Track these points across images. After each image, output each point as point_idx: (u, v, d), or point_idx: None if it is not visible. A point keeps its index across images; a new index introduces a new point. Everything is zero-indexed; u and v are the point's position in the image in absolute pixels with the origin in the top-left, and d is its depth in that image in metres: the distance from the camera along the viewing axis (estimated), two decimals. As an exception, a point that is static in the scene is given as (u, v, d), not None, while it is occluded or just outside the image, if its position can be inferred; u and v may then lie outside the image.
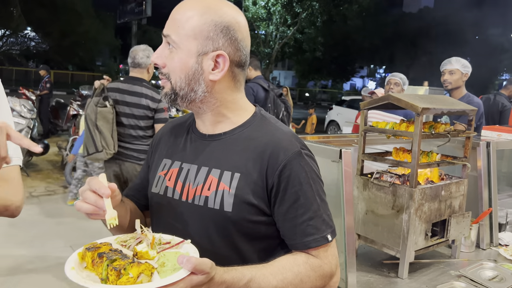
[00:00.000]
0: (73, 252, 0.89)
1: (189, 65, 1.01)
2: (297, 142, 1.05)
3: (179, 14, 1.01)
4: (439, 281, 1.65)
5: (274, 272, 0.94)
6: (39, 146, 0.87)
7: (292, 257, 1.00)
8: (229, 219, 1.00)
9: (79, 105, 6.94)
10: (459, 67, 3.46)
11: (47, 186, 6.03)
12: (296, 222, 1.00)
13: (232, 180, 1.01)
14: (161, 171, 1.13)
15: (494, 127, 2.34)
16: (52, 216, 4.83)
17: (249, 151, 1.03)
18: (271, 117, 1.13)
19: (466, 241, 1.98)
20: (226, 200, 1.00)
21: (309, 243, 0.99)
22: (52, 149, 7.26)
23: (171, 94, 1.04)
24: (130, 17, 28.51)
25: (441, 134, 1.71)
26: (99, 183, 0.90)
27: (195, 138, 1.12)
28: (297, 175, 1.00)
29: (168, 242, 0.93)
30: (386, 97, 1.72)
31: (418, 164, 1.63)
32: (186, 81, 1.02)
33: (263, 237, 1.05)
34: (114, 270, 0.80)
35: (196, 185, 1.05)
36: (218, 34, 1.00)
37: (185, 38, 1.00)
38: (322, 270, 1.00)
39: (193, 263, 0.79)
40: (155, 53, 1.04)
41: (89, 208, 0.90)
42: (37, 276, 3.46)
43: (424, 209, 1.67)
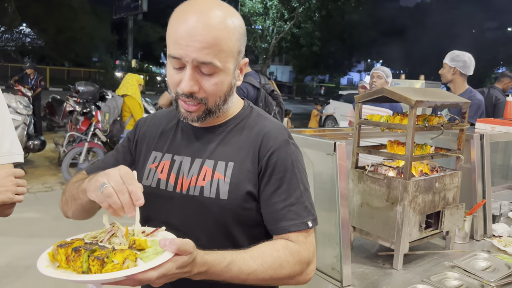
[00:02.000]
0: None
1: (229, 84, 1.03)
2: (285, 131, 1.10)
3: (214, 33, 0.95)
4: (433, 272, 1.67)
5: (254, 256, 0.96)
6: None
7: (272, 242, 1.02)
8: (224, 207, 1.03)
9: (76, 101, 6.92)
10: (447, 61, 3.44)
11: (44, 182, 6.03)
12: (278, 207, 1.03)
13: (227, 169, 1.04)
14: (151, 164, 1.14)
15: (488, 120, 2.36)
16: (49, 212, 4.83)
17: (241, 141, 1.08)
18: (259, 109, 1.18)
19: (460, 232, 2.00)
20: (221, 188, 1.03)
21: (289, 227, 1.02)
22: (49, 145, 7.25)
23: (204, 115, 1.04)
24: (126, 13, 28.54)
25: (435, 127, 1.72)
26: (137, 187, 0.89)
27: (187, 130, 1.14)
28: (283, 162, 1.05)
29: (143, 232, 0.93)
30: (380, 91, 1.73)
31: (412, 157, 1.64)
32: (224, 98, 1.04)
33: (255, 224, 1.08)
34: (97, 259, 0.78)
35: (190, 176, 1.07)
36: (244, 43, 1.05)
37: (226, 60, 0.99)
38: (301, 255, 1.02)
39: (176, 244, 0.80)
40: (188, 83, 0.98)
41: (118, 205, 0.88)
42: (36, 273, 3.46)
43: (418, 201, 1.69)
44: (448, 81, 3.52)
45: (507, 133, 2.24)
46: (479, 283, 1.59)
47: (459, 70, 3.41)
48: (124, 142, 1.25)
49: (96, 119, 6.24)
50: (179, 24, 0.96)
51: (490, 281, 1.58)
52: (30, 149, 6.38)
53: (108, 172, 0.91)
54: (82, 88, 6.82)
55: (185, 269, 0.83)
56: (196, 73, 0.98)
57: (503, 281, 1.60)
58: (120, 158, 1.21)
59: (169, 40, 0.99)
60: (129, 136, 1.24)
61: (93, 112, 6.47)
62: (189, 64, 0.96)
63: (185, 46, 0.94)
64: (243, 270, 0.93)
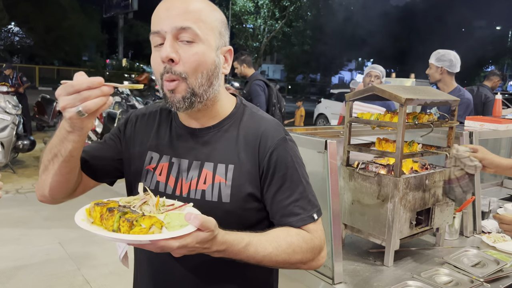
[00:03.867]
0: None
1: (211, 60, 1.01)
2: (281, 128, 1.10)
3: (192, 5, 0.98)
4: (423, 268, 1.69)
5: (269, 239, 0.98)
6: None
7: (286, 228, 1.04)
8: (227, 210, 1.03)
9: (66, 100, 6.85)
10: (433, 61, 3.45)
11: (34, 182, 5.96)
12: (284, 204, 1.05)
13: (227, 172, 1.04)
14: (148, 165, 1.13)
15: (477, 117, 2.38)
16: (39, 213, 4.79)
17: (239, 142, 1.06)
18: (252, 105, 1.16)
19: (450, 229, 2.02)
20: (223, 192, 1.03)
21: (296, 223, 1.04)
22: (39, 145, 7.18)
23: (189, 96, 1.00)
24: (116, 11, 28.38)
25: (425, 125, 1.73)
26: (89, 78, 0.84)
27: (181, 132, 1.12)
28: (284, 159, 1.05)
29: (172, 204, 0.96)
30: (371, 89, 1.74)
31: (402, 154, 1.65)
32: (207, 76, 1.00)
33: (255, 223, 1.08)
34: (127, 221, 0.83)
35: (189, 179, 1.06)
36: (224, 30, 1.06)
37: (206, 31, 0.98)
38: (313, 242, 1.04)
39: (200, 220, 0.82)
40: (167, 48, 0.95)
41: (82, 83, 0.83)
42: (26, 272, 3.44)
43: (408, 198, 1.70)
44: (436, 81, 3.54)
45: (495, 130, 2.27)
46: (469, 278, 1.60)
47: (446, 69, 3.43)
48: (113, 133, 1.21)
49: (87, 118, 6.18)
50: (160, 5, 1.00)
51: (479, 276, 1.60)
52: (19, 149, 6.31)
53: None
54: (72, 87, 6.75)
55: (205, 245, 0.86)
56: (175, 43, 0.97)
57: (492, 277, 1.62)
58: (106, 146, 1.18)
59: (152, 20, 1.00)
60: (119, 126, 1.21)
61: (83, 112, 6.41)
62: (168, 33, 0.96)
63: (165, 17, 0.96)
64: (259, 251, 0.96)
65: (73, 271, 3.51)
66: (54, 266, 3.56)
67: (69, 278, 3.39)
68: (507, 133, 2.36)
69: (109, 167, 1.17)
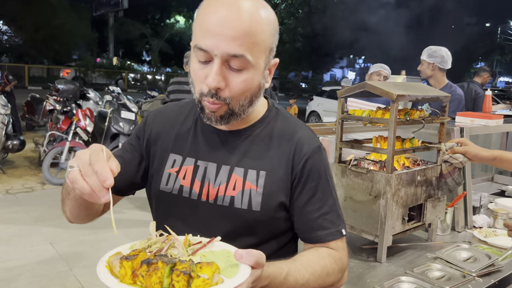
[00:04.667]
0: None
1: (258, 83, 0.95)
2: (315, 136, 1.05)
3: (250, 24, 0.87)
4: (416, 264, 1.69)
5: (304, 265, 0.93)
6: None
7: (316, 250, 0.99)
8: (256, 219, 0.99)
9: (56, 100, 6.78)
10: (425, 58, 3.47)
11: (24, 183, 5.90)
12: (313, 216, 1.00)
13: (259, 178, 0.99)
14: (170, 168, 1.06)
15: (467, 113, 2.40)
16: (29, 213, 4.74)
17: (272, 148, 1.02)
18: (283, 110, 1.11)
19: (442, 224, 2.03)
20: (254, 199, 0.98)
21: (325, 237, 1.00)
22: (29, 145, 7.11)
23: (228, 116, 0.95)
24: (107, 9, 28.15)
25: (416, 121, 1.74)
26: (103, 166, 0.74)
27: (208, 133, 1.05)
28: (317, 169, 1.01)
29: (199, 242, 0.85)
30: (362, 85, 1.74)
31: (394, 150, 1.66)
32: (250, 99, 0.95)
33: (282, 232, 1.04)
34: (183, 274, 0.68)
35: (217, 184, 1.01)
36: (276, 41, 0.97)
37: (258, 55, 0.91)
38: (342, 262, 1.01)
39: (256, 257, 0.74)
40: (215, 77, 0.88)
41: (87, 189, 0.75)
42: (17, 273, 3.40)
43: (400, 194, 1.71)
44: (428, 77, 3.55)
45: (485, 126, 2.28)
46: (461, 273, 1.61)
47: (437, 66, 3.45)
48: (132, 140, 1.14)
49: (77, 117, 6.13)
50: (210, 13, 0.87)
51: (471, 271, 1.61)
52: (9, 149, 6.24)
53: (77, 154, 0.79)
54: (62, 86, 6.68)
55: (255, 283, 0.78)
56: (224, 68, 0.89)
57: (484, 271, 1.63)
58: (127, 157, 1.10)
59: (197, 30, 0.90)
60: (138, 133, 1.13)
61: (73, 111, 6.36)
62: (218, 57, 0.87)
63: (216, 35, 0.85)
64: (298, 280, 0.90)
65: (65, 271, 3.48)
66: (45, 266, 3.53)
67: (61, 278, 3.36)
68: (497, 128, 2.38)
69: (135, 179, 1.11)
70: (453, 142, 1.83)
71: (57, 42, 22.88)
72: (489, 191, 2.86)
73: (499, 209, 2.17)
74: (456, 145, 1.81)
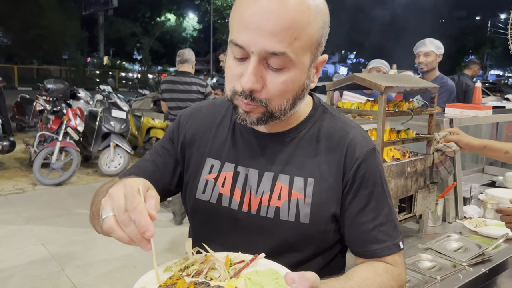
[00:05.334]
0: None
1: (301, 83, 0.84)
2: (369, 137, 0.96)
3: (294, 15, 0.75)
4: (407, 255, 1.70)
5: (360, 284, 0.83)
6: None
7: (372, 266, 0.90)
8: (305, 233, 0.89)
9: (46, 100, 6.72)
10: (434, 49, 3.49)
11: (15, 184, 5.84)
12: (367, 228, 0.91)
13: (306, 187, 0.89)
14: (207, 174, 0.97)
15: (457, 105, 2.40)
16: (20, 214, 4.69)
17: (320, 152, 0.92)
18: (332, 108, 1.00)
19: (433, 215, 2.04)
20: (302, 210, 0.89)
21: (381, 251, 0.91)
22: (19, 146, 7.03)
23: (266, 118, 0.84)
24: (96, 8, 27.92)
25: (405, 112, 1.74)
26: (141, 215, 0.66)
27: (248, 135, 0.95)
28: (372, 175, 0.91)
29: (242, 261, 0.78)
30: (351, 77, 1.74)
31: (383, 142, 1.65)
32: (292, 101, 0.84)
33: (331, 245, 0.95)
34: None
35: (260, 193, 0.91)
36: (325, 35, 0.85)
37: (302, 52, 0.80)
38: (401, 279, 0.91)
39: (310, 281, 0.66)
40: (250, 78, 0.78)
41: (126, 239, 0.68)
42: (9, 274, 3.36)
43: (390, 186, 1.70)
44: (433, 69, 3.57)
45: (475, 117, 2.29)
46: (451, 263, 1.62)
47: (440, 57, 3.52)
48: (165, 142, 1.04)
49: (68, 117, 6.08)
50: (248, 4, 0.77)
51: (462, 261, 1.62)
52: (-2, 150, 6.18)
53: (111, 193, 0.70)
54: (51, 86, 6.62)
55: None
56: (262, 67, 0.79)
57: (474, 261, 1.63)
58: (160, 163, 1.01)
59: (234, 23, 0.80)
60: (171, 136, 1.04)
61: (64, 111, 6.30)
62: (255, 55, 0.77)
63: (254, 30, 0.75)
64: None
65: (57, 272, 3.45)
66: (37, 267, 3.49)
67: (53, 279, 3.33)
68: (486, 119, 2.39)
69: (169, 186, 1.03)
70: (446, 131, 1.88)
71: (47, 42, 22.67)
72: (480, 182, 2.87)
73: (489, 199, 2.18)
74: (449, 134, 1.87)
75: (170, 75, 5.01)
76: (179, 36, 29.28)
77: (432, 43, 3.51)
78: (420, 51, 3.55)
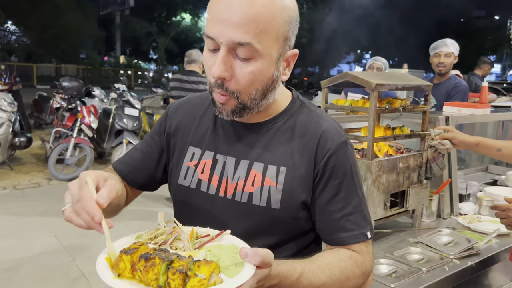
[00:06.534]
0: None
1: (269, 75, 0.89)
2: (342, 131, 0.99)
3: (259, 9, 0.82)
4: (397, 248, 1.74)
5: (322, 268, 0.88)
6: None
7: (337, 252, 0.94)
8: (275, 217, 0.94)
9: (62, 97, 6.91)
10: (454, 50, 3.45)
11: (31, 179, 6.03)
12: (335, 217, 0.95)
13: (279, 174, 0.94)
14: (189, 161, 1.03)
15: (455, 103, 2.43)
16: (36, 208, 4.85)
17: (293, 142, 0.96)
18: (309, 102, 1.05)
19: (427, 211, 2.08)
20: (273, 196, 0.94)
21: (348, 239, 0.95)
22: (36, 142, 7.25)
23: (239, 110, 0.91)
24: (113, 8, 28.27)
25: (395, 109, 1.79)
26: (88, 203, 0.76)
27: (228, 126, 1.01)
28: (342, 166, 0.95)
29: (207, 235, 0.82)
30: (344, 75, 1.79)
31: (374, 138, 1.71)
32: (261, 92, 0.90)
33: (303, 232, 1.00)
34: (179, 272, 0.65)
35: (236, 180, 0.97)
36: (294, 30, 0.90)
37: (269, 43, 0.85)
38: (365, 267, 0.95)
39: (262, 256, 0.71)
40: (219, 66, 0.84)
41: (84, 226, 0.78)
42: (22, 264, 3.51)
43: (382, 181, 1.76)
44: (448, 70, 3.55)
45: (472, 115, 2.32)
46: (439, 256, 1.66)
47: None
48: (153, 133, 1.12)
49: (82, 114, 6.24)
50: (220, 1, 0.85)
51: (449, 254, 1.66)
52: (16, 146, 6.37)
53: (69, 186, 0.81)
54: (66, 83, 6.81)
55: (260, 283, 0.74)
56: (231, 57, 0.85)
57: (462, 254, 1.67)
58: (147, 152, 1.10)
59: (208, 18, 0.87)
60: (159, 126, 1.11)
61: (78, 108, 6.47)
62: (224, 45, 0.83)
63: (222, 22, 0.82)
64: (313, 282, 0.85)
65: (68, 262, 3.58)
66: (49, 258, 3.63)
67: (64, 269, 3.47)
68: (484, 117, 2.41)
69: (156, 173, 1.11)
70: (440, 129, 1.92)
71: (65, 41, 23.08)
72: (483, 180, 2.89)
73: (484, 197, 2.20)
74: (443, 132, 1.90)
75: (178, 72, 5.05)
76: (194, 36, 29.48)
77: (453, 44, 3.47)
78: (440, 51, 3.46)
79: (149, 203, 5.00)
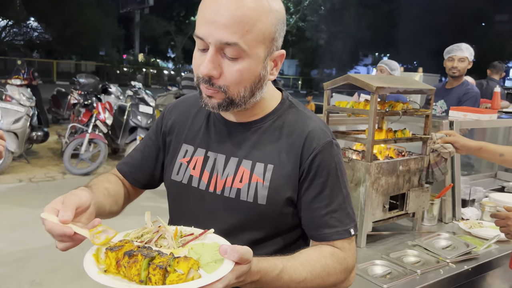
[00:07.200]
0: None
1: (256, 73, 0.93)
2: (328, 131, 1.03)
3: (245, 12, 0.86)
4: (394, 250, 1.76)
5: (303, 264, 0.91)
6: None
7: (319, 249, 0.98)
8: (261, 213, 0.98)
9: (79, 93, 7.07)
10: (468, 55, 3.41)
11: (46, 172, 6.19)
12: (320, 213, 0.99)
13: (266, 172, 0.98)
14: (182, 158, 1.08)
15: (461, 108, 2.42)
16: (50, 201, 4.95)
17: (281, 141, 1.01)
18: (298, 103, 1.09)
19: (429, 215, 2.08)
20: (260, 193, 0.98)
21: (331, 235, 0.98)
22: (52, 137, 7.42)
23: (226, 104, 0.94)
24: (133, 6, 28.62)
25: (395, 112, 1.80)
26: (60, 230, 0.83)
27: (219, 124, 1.06)
28: (327, 165, 0.99)
29: (191, 234, 0.87)
30: (346, 77, 1.81)
31: (373, 140, 1.72)
32: (250, 90, 0.94)
33: (290, 228, 1.04)
34: (159, 268, 0.70)
35: (225, 176, 1.01)
36: (280, 32, 0.95)
37: (255, 43, 0.89)
38: (347, 263, 0.98)
39: (240, 253, 0.74)
40: (207, 65, 0.89)
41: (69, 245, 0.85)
42: (33, 255, 3.61)
43: (381, 183, 1.77)
44: (462, 75, 3.51)
45: (477, 120, 2.31)
46: (436, 259, 1.67)
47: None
48: (151, 133, 1.18)
49: (97, 110, 6.37)
50: (209, 3, 0.89)
51: (446, 258, 1.67)
52: (33, 140, 6.54)
53: (45, 209, 0.91)
54: (83, 80, 6.97)
55: (241, 278, 0.77)
56: (219, 56, 0.89)
57: (459, 258, 1.68)
58: (147, 152, 1.16)
59: (198, 19, 0.92)
60: (156, 126, 1.17)
61: (94, 104, 6.61)
62: (212, 45, 0.88)
63: (211, 23, 0.87)
64: (294, 278, 0.89)
65: (78, 254, 3.65)
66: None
67: (74, 260, 3.55)
68: (489, 123, 2.39)
69: (155, 171, 1.16)
70: (442, 133, 1.93)
71: (84, 39, 23.50)
72: (491, 186, 2.86)
73: (487, 202, 2.19)
74: (445, 136, 1.91)
75: (190, 71, 5.17)
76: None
77: (468, 49, 3.43)
78: (455, 55, 3.43)
79: (160, 200, 5.08)
